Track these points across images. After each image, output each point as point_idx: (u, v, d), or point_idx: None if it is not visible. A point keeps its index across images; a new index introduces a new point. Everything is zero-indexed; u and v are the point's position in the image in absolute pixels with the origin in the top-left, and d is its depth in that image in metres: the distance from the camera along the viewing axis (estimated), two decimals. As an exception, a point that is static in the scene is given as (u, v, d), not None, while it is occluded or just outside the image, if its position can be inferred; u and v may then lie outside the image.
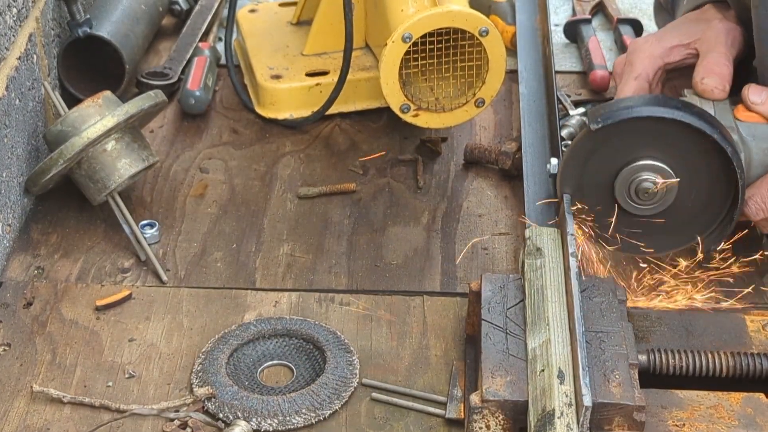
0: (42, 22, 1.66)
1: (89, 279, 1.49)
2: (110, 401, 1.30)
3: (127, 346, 1.38)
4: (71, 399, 1.30)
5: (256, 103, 1.81)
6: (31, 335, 1.40)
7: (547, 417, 1.14)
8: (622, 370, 1.20)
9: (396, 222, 1.60)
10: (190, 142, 1.76)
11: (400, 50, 1.58)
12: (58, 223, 1.58)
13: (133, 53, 1.82)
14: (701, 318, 1.35)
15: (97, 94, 1.55)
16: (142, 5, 1.89)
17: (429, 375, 1.35)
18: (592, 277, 1.34)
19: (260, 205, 1.63)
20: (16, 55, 1.54)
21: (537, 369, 1.20)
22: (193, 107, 1.79)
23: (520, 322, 1.28)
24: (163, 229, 1.57)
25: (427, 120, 1.66)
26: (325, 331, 1.39)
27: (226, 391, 1.30)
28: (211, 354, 1.35)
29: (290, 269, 1.51)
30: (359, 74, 1.77)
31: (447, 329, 1.41)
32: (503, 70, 1.63)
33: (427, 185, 1.67)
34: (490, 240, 1.56)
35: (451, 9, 1.57)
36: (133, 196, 1.63)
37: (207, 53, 1.88)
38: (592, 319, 1.27)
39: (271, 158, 1.73)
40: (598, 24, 2.04)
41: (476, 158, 1.70)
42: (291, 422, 1.27)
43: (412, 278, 1.50)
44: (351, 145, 1.75)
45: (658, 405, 1.22)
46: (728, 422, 1.20)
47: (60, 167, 1.50)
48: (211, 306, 1.45)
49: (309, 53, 1.83)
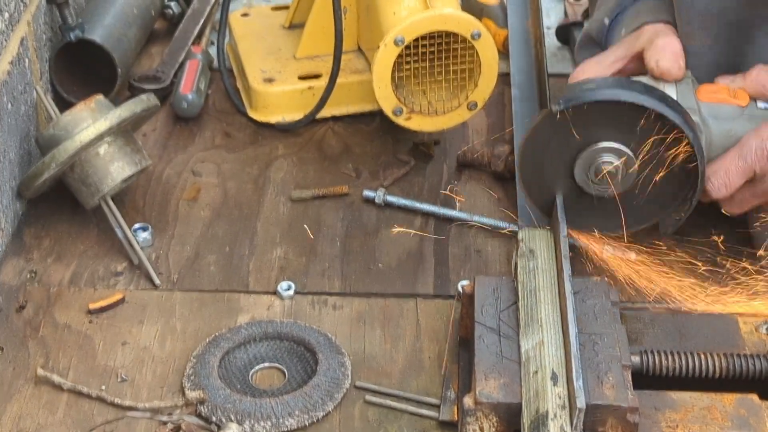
0: (34, 26, 1.66)
1: (82, 283, 1.49)
2: (108, 395, 1.31)
3: (120, 350, 1.38)
4: (71, 387, 1.31)
5: (248, 107, 1.81)
6: (23, 339, 1.39)
7: (540, 419, 1.15)
8: (616, 371, 1.20)
9: (389, 225, 1.60)
10: (182, 146, 1.76)
11: (393, 53, 1.59)
12: (51, 227, 1.58)
13: (126, 57, 1.82)
14: (694, 319, 1.35)
15: (90, 98, 1.54)
16: (134, 9, 1.89)
17: (422, 377, 1.35)
18: (585, 279, 1.34)
19: (253, 209, 1.63)
20: (8, 60, 1.54)
21: (530, 371, 1.20)
22: (185, 111, 1.79)
23: (513, 324, 1.28)
24: (156, 233, 1.57)
25: (419, 123, 1.66)
26: (316, 333, 1.39)
27: (218, 394, 1.30)
28: (202, 357, 1.35)
29: (283, 272, 1.51)
30: (352, 77, 1.77)
31: (440, 332, 1.41)
32: (495, 73, 1.63)
33: (420, 188, 1.67)
34: (483, 242, 1.56)
35: (443, 12, 1.57)
36: (125, 199, 1.62)
37: (199, 57, 1.88)
38: (586, 321, 1.27)
39: (264, 161, 1.73)
40: (590, 27, 2.04)
41: (469, 161, 1.70)
42: (284, 424, 1.27)
43: (406, 281, 1.50)
44: (344, 149, 1.75)
45: (652, 406, 1.22)
46: (721, 423, 1.20)
47: (52, 171, 1.49)
48: (204, 309, 1.45)
49: (301, 56, 1.83)
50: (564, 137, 1.37)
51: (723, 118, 1.39)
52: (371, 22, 1.70)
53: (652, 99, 1.33)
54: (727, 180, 1.37)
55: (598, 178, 1.37)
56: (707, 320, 1.35)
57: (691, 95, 1.40)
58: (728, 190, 1.38)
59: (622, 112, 1.34)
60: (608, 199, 1.39)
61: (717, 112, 1.39)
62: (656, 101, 1.33)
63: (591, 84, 1.37)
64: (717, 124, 1.39)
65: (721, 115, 1.39)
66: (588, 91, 1.35)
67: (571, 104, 1.34)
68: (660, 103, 1.33)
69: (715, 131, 1.39)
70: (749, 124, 1.39)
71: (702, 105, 1.39)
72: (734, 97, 1.40)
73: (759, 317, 1.36)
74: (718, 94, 1.41)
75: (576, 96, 1.35)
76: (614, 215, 1.40)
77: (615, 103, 1.34)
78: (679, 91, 1.40)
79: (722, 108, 1.39)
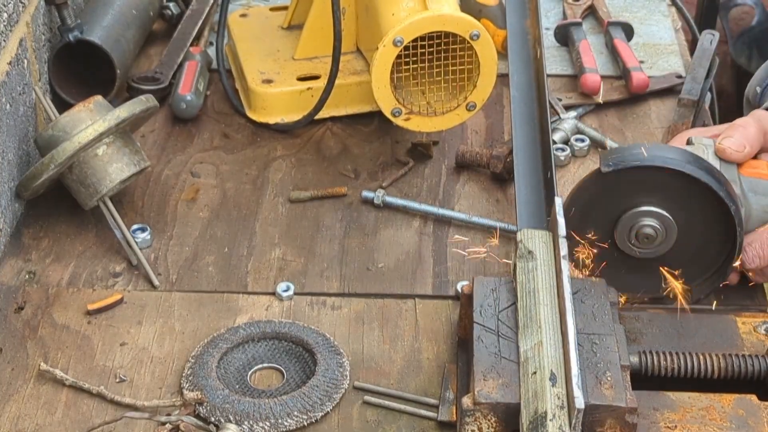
0: (33, 27, 1.66)
1: (81, 283, 1.49)
2: (108, 392, 1.31)
3: (118, 351, 1.38)
4: (72, 382, 1.32)
5: (247, 108, 1.81)
6: (22, 340, 1.39)
7: (539, 419, 1.15)
8: (614, 372, 1.20)
9: (387, 225, 1.60)
10: (181, 147, 1.76)
11: (392, 54, 1.58)
12: (50, 227, 1.58)
13: (124, 58, 1.82)
14: (693, 320, 1.36)
15: (88, 99, 1.54)
16: (133, 10, 1.89)
17: (421, 378, 1.35)
18: (584, 279, 1.35)
19: (252, 209, 1.63)
20: (6, 60, 1.54)
21: (529, 371, 1.20)
22: (184, 112, 1.79)
23: (512, 324, 1.28)
24: (154, 234, 1.57)
25: (418, 124, 1.66)
26: (314, 333, 1.39)
27: (217, 394, 1.30)
28: (200, 358, 1.35)
29: (282, 273, 1.51)
30: (350, 78, 1.78)
31: (439, 332, 1.41)
32: (494, 73, 1.64)
33: (419, 189, 1.67)
34: (481, 243, 1.56)
35: (442, 13, 1.57)
36: (124, 200, 1.62)
37: (198, 58, 1.88)
38: (584, 322, 1.27)
39: (263, 162, 1.73)
40: (588, 27, 2.04)
41: (467, 162, 1.70)
42: (283, 425, 1.27)
43: (404, 281, 1.50)
44: (342, 149, 1.75)
45: (650, 407, 1.22)
46: (720, 424, 1.20)
47: (51, 172, 1.49)
48: (203, 310, 1.45)
49: (300, 57, 1.83)
50: (609, 197, 1.39)
51: (762, 193, 1.41)
52: (370, 23, 1.70)
53: (697, 169, 1.35)
54: (761, 252, 1.40)
55: (638, 240, 1.39)
56: (706, 320, 1.36)
57: (734, 168, 1.42)
58: (762, 261, 1.41)
59: (668, 179, 1.36)
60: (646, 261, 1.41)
61: (756, 186, 1.42)
62: (702, 172, 1.35)
63: (641, 148, 1.39)
64: (756, 198, 1.41)
65: (760, 190, 1.41)
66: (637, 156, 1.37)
67: (621, 167, 1.36)
68: (705, 173, 1.35)
69: (755, 205, 1.41)
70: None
71: (743, 179, 1.42)
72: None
73: (757, 318, 1.37)
74: (759, 169, 1.43)
75: (624, 159, 1.36)
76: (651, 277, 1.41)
77: (660, 169, 1.35)
78: (723, 163, 1.42)
79: (762, 183, 1.42)
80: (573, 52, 1.95)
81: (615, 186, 1.38)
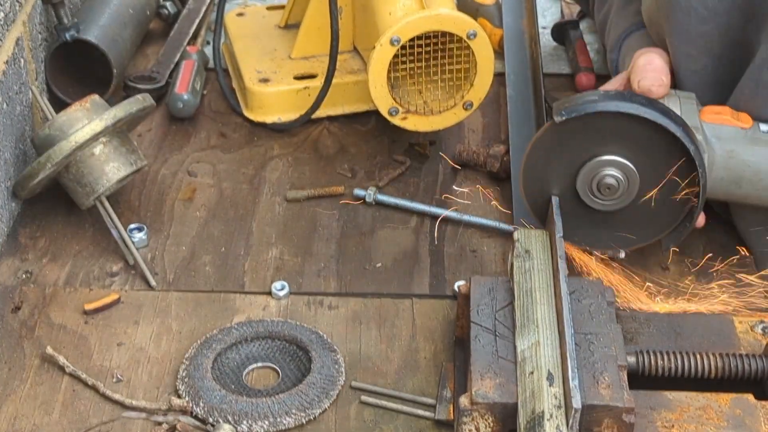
0: (29, 26, 1.65)
1: (77, 283, 1.48)
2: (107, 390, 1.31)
3: (115, 350, 1.38)
4: (72, 371, 1.33)
5: (244, 107, 1.81)
6: (19, 340, 1.39)
7: (536, 419, 1.15)
8: (611, 371, 1.20)
9: (384, 225, 1.60)
10: (178, 146, 1.76)
11: (389, 53, 1.58)
12: (46, 227, 1.58)
13: (121, 57, 1.82)
14: (690, 319, 1.36)
15: (85, 98, 1.54)
16: (129, 9, 1.89)
17: (418, 377, 1.35)
18: (581, 279, 1.35)
19: (249, 209, 1.63)
20: (3, 59, 1.54)
21: (526, 371, 1.20)
22: (181, 111, 1.79)
23: (509, 324, 1.28)
24: (151, 233, 1.56)
25: (415, 123, 1.66)
26: (307, 331, 1.39)
27: (213, 395, 1.29)
28: (195, 359, 1.35)
29: (279, 272, 1.51)
30: (347, 77, 1.77)
31: (436, 332, 1.41)
32: (491, 73, 1.64)
33: (416, 188, 1.67)
34: (479, 242, 1.56)
35: (439, 12, 1.57)
36: (121, 200, 1.62)
37: (195, 57, 1.88)
38: (581, 321, 1.27)
39: (260, 161, 1.73)
40: (585, 27, 2.04)
41: (464, 161, 1.70)
42: (282, 423, 1.27)
43: (401, 281, 1.50)
44: (339, 149, 1.75)
45: (647, 406, 1.22)
46: (717, 423, 1.20)
47: (48, 171, 1.49)
48: (200, 310, 1.44)
49: (297, 56, 1.83)
50: (567, 148, 1.37)
51: (725, 138, 1.40)
52: (367, 22, 1.70)
53: (653, 111, 1.33)
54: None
55: (601, 192, 1.38)
56: (703, 320, 1.36)
57: (695, 115, 1.40)
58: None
59: (626, 125, 1.34)
60: (608, 214, 1.40)
61: (719, 132, 1.40)
62: (659, 114, 1.33)
63: (594, 96, 1.37)
64: (720, 144, 1.39)
65: (723, 135, 1.40)
66: (590, 103, 1.35)
67: (573, 115, 1.34)
68: (661, 116, 1.33)
69: (718, 151, 1.39)
70: (751, 145, 1.40)
71: (705, 125, 1.40)
72: (737, 119, 1.41)
73: (755, 317, 1.37)
74: (721, 115, 1.41)
75: (578, 107, 1.35)
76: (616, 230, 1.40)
77: (616, 114, 1.34)
78: (683, 111, 1.40)
79: (724, 129, 1.40)
80: (569, 51, 1.95)
81: (571, 137, 1.35)
